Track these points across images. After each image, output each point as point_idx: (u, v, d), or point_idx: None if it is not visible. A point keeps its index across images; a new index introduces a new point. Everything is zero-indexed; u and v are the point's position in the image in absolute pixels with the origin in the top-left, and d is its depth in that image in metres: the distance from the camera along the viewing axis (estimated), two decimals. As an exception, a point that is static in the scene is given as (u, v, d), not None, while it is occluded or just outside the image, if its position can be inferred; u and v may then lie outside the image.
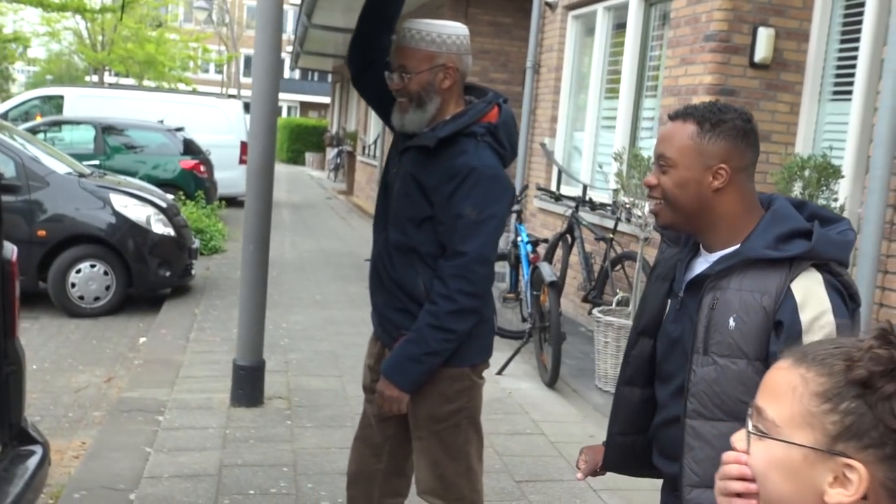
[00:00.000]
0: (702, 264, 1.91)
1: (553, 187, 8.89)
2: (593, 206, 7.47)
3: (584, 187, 8.03)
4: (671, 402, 1.92)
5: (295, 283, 9.14)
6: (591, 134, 8.31)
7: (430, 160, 2.53)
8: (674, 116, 1.94)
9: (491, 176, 2.48)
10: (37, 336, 6.71)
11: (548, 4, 9.12)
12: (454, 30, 2.55)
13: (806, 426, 1.02)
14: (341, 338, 6.90)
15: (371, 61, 2.64)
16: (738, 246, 1.84)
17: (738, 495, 1.11)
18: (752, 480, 1.09)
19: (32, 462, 3.16)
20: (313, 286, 8.98)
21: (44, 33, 28.23)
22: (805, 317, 1.72)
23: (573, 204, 7.45)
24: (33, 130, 12.24)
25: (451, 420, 2.64)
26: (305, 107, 52.75)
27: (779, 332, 1.73)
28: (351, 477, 2.91)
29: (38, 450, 3.25)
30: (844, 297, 1.78)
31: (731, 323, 1.76)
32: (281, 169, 29.41)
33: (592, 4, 8.29)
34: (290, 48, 26.23)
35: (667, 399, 1.94)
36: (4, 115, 14.53)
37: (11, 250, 3.19)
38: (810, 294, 1.74)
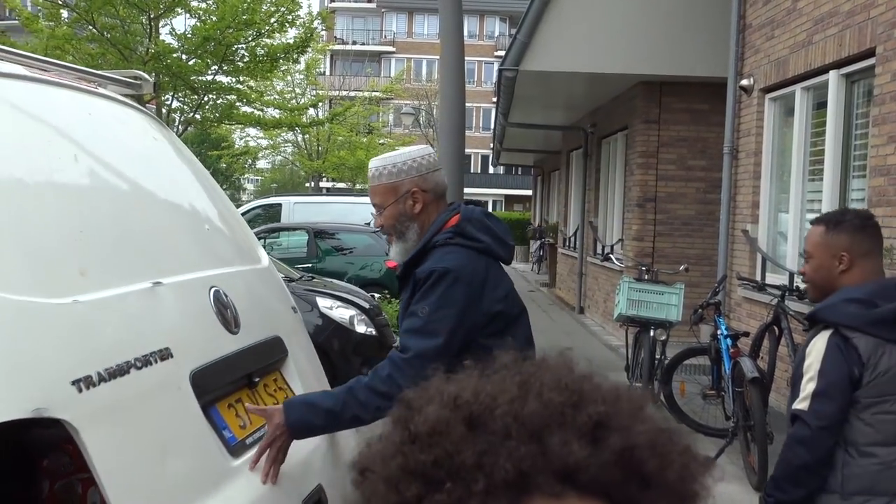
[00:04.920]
0: None
1: (758, 275, 8.50)
2: (801, 295, 7.04)
3: (791, 275, 7.62)
4: None
5: (494, 378, 9.16)
6: (795, 218, 7.91)
7: (412, 286, 2.55)
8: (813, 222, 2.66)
9: (441, 273, 2.45)
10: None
11: (743, 88, 8.90)
12: (412, 154, 2.61)
13: None
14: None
15: None
16: None
17: None
18: None
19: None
20: (512, 382, 8.96)
21: (267, 147, 30.71)
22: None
23: (779, 293, 7.07)
24: (257, 237, 13.23)
25: None
26: (510, 200, 53.81)
27: None
28: None
29: None
30: None
31: None
32: (486, 263, 29.93)
33: (790, 86, 8.00)
34: (491, 145, 27.02)
35: None
36: (231, 224, 15.82)
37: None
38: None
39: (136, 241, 2.41)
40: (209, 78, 16.85)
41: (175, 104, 17.90)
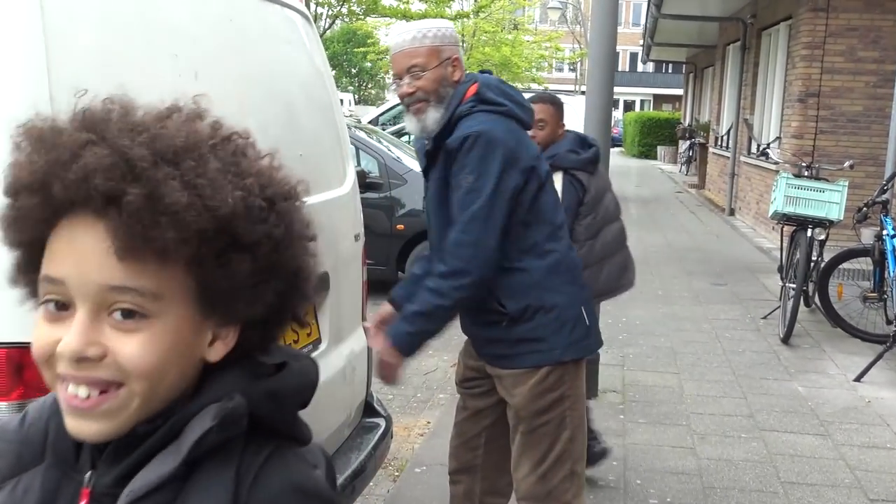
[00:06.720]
0: None
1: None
2: (980, 196, 6.52)
3: (970, 174, 7.05)
4: None
5: (638, 277, 8.98)
6: (979, 113, 7.26)
7: (442, 158, 2.54)
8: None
9: (476, 136, 2.44)
10: (395, 321, 7.28)
11: (926, -31, 8.12)
12: (446, 23, 2.60)
13: None
14: (681, 334, 6.69)
15: None
16: None
17: None
18: None
19: (376, 434, 3.42)
20: (656, 281, 8.81)
21: (411, 43, 30.60)
22: None
23: (954, 193, 6.57)
24: (399, 133, 13.31)
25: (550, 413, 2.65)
26: (659, 99, 51.99)
27: None
28: (451, 473, 3.05)
29: (382, 423, 3.51)
30: None
31: None
32: (632, 163, 29.27)
33: (982, -36, 7.23)
34: (641, 41, 25.99)
35: None
36: (376, 120, 15.95)
37: (358, 244, 3.46)
38: None
39: None
40: (356, -30, 16.79)
41: (322, -1, 17.99)
